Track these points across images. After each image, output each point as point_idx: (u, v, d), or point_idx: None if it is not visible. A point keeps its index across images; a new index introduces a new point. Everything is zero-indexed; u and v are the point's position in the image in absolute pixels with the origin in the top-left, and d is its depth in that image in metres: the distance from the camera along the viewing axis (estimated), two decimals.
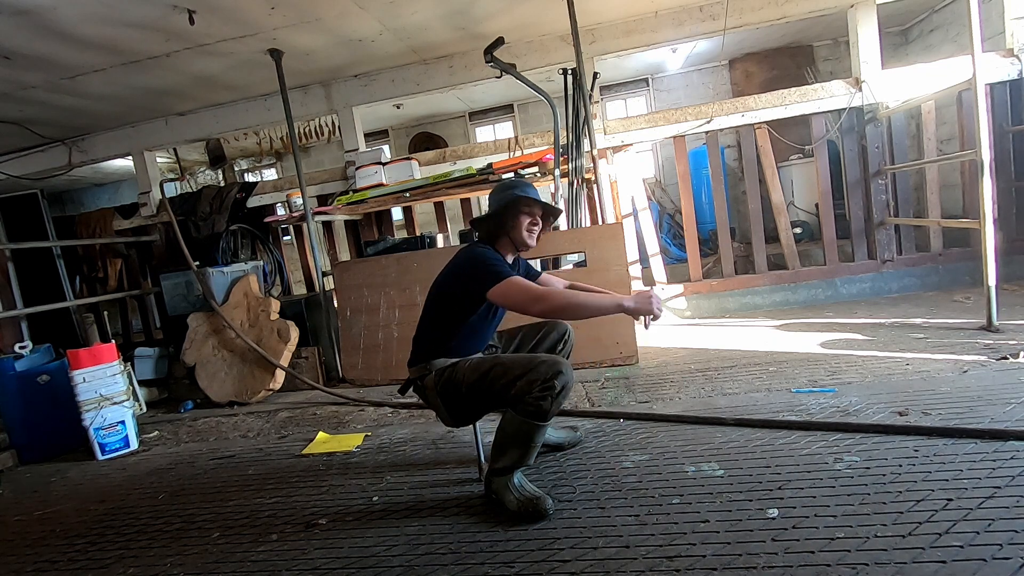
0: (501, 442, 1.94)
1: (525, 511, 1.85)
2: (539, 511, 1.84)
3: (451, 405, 2.02)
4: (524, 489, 1.91)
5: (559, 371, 1.81)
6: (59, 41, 3.35)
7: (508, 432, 1.91)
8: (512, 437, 1.90)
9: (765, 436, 2.21)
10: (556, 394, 1.80)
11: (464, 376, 1.96)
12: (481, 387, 1.92)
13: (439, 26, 4.01)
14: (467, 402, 1.99)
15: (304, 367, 4.10)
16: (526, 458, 1.92)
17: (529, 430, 1.86)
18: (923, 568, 1.37)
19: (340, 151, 6.15)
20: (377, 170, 4.39)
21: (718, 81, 7.46)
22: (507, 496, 1.90)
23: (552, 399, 1.80)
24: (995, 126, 4.02)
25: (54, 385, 3.41)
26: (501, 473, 1.94)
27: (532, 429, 1.86)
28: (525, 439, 1.88)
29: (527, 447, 1.90)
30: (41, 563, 2.08)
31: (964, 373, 2.57)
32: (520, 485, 1.93)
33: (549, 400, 1.80)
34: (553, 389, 1.80)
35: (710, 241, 6.55)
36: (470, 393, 1.95)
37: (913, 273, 4.40)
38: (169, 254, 5.25)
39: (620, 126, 4.54)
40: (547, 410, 1.81)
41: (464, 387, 1.96)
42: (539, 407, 1.80)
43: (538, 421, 1.84)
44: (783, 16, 4.27)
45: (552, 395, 1.80)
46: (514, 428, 1.89)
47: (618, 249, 3.62)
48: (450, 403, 2.02)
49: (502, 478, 1.93)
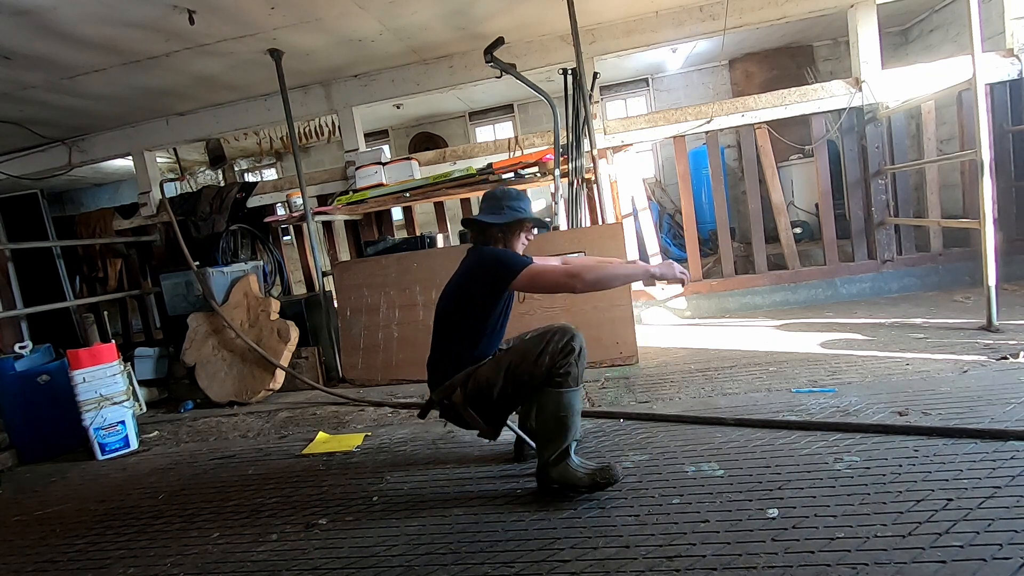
0: (545, 427, 1.97)
1: (600, 480, 1.90)
2: (612, 476, 1.90)
3: (485, 412, 2.04)
4: (587, 464, 1.97)
5: (571, 335, 1.93)
6: (59, 41, 3.35)
7: (548, 411, 1.95)
8: (553, 415, 1.94)
9: (765, 436, 2.21)
10: (577, 356, 1.92)
11: (488, 378, 2.00)
12: (508, 381, 1.97)
13: (439, 26, 4.01)
14: (499, 403, 2.02)
15: (304, 367, 4.10)
16: (573, 430, 1.96)
17: (567, 399, 1.93)
18: (923, 568, 1.37)
19: (340, 151, 6.15)
20: (377, 170, 4.39)
21: (718, 81, 7.46)
22: (574, 476, 1.93)
23: (575, 362, 1.91)
24: (995, 126, 4.02)
25: (54, 385, 3.41)
26: (558, 460, 1.95)
27: (569, 396, 1.93)
28: (566, 410, 1.94)
29: (569, 418, 1.94)
30: (41, 563, 2.08)
31: (964, 373, 2.57)
32: (581, 463, 1.97)
33: (572, 362, 1.91)
34: (573, 352, 1.91)
35: (710, 241, 6.55)
36: (501, 392, 1.99)
37: (913, 273, 4.40)
38: (169, 254, 5.25)
39: (620, 126, 4.54)
40: (576, 374, 1.93)
41: (494, 389, 1.99)
42: (568, 373, 1.91)
43: (572, 387, 1.93)
44: (783, 16, 4.27)
45: (574, 358, 1.91)
46: (553, 403, 1.94)
47: (618, 249, 3.62)
48: (483, 410, 2.04)
49: (559, 465, 1.95)
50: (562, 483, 1.95)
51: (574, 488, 1.93)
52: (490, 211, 2.14)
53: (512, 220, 2.10)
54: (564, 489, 1.95)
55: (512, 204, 2.12)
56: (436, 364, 2.12)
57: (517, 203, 2.13)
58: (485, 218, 2.11)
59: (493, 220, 2.09)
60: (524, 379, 1.95)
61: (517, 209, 2.12)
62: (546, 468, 1.97)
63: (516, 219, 2.11)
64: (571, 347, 1.90)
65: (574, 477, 1.92)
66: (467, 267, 2.12)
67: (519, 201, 2.14)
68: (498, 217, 2.10)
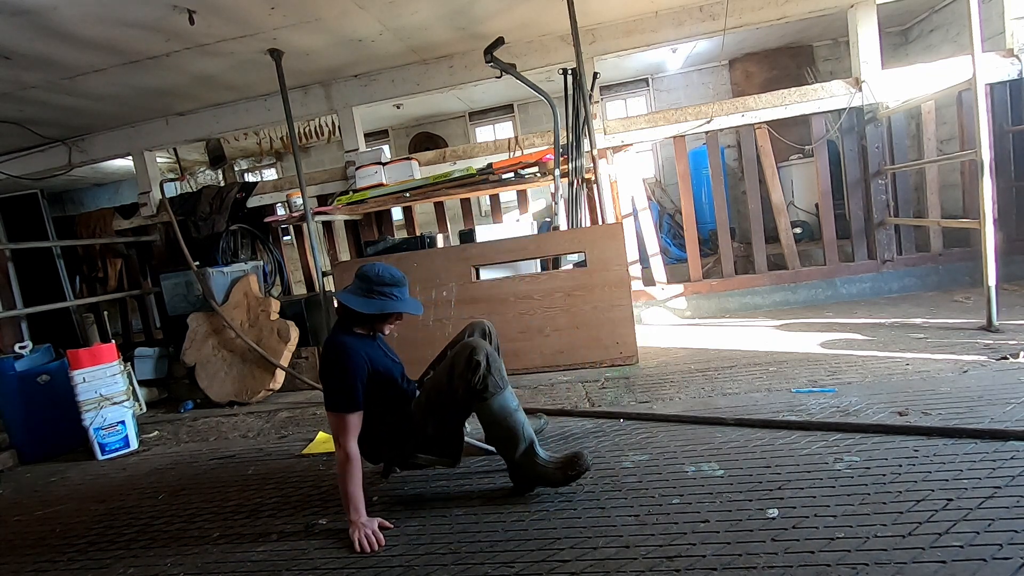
0: (496, 438, 2.01)
1: (571, 471, 1.92)
2: (582, 464, 1.91)
3: (440, 450, 2.11)
4: (554, 458, 1.98)
5: (471, 350, 1.95)
6: (59, 41, 3.35)
7: (491, 422, 1.99)
8: (498, 424, 1.98)
9: (765, 436, 2.21)
10: (486, 367, 1.93)
11: (420, 423, 2.06)
12: (437, 415, 2.04)
13: (439, 26, 4.01)
14: (442, 435, 2.08)
15: (304, 367, 4.10)
16: (522, 428, 1.98)
17: (498, 405, 1.96)
18: (923, 568, 1.37)
19: (340, 151, 6.15)
20: (377, 170, 4.39)
21: (718, 81, 7.46)
22: (544, 472, 1.95)
23: (486, 372, 1.93)
24: (995, 126, 4.02)
25: (54, 385, 3.41)
26: (525, 459, 1.97)
27: (499, 402, 1.96)
28: (504, 415, 1.97)
29: (514, 422, 1.98)
30: (41, 563, 2.09)
31: (964, 373, 2.57)
32: (548, 458, 1.98)
33: (483, 374, 1.92)
34: (479, 366, 1.92)
35: (710, 241, 6.55)
36: (438, 428, 2.06)
37: (913, 273, 4.40)
38: (169, 254, 5.25)
39: (620, 126, 4.54)
40: (494, 380, 1.94)
41: (428, 428, 2.05)
42: (486, 385, 1.93)
43: (494, 392, 1.95)
44: (783, 16, 4.27)
45: (483, 370, 1.92)
46: (491, 416, 1.98)
47: (618, 249, 3.61)
48: (438, 450, 2.11)
49: (528, 463, 1.97)
50: (535, 482, 1.98)
51: (548, 485, 1.96)
52: (359, 292, 2.04)
53: (378, 313, 2.02)
54: (539, 485, 1.98)
55: (384, 290, 2.03)
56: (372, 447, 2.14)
57: (390, 289, 2.03)
58: (351, 303, 2.02)
59: (359, 308, 2.00)
60: (450, 407, 2.01)
61: (389, 296, 2.03)
62: (517, 469, 2.00)
63: (381, 312, 2.03)
64: (475, 361, 1.92)
65: (545, 473, 1.95)
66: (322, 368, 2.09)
67: (393, 287, 2.04)
68: (366, 304, 2.01)
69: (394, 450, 2.15)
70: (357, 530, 1.87)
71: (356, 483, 1.94)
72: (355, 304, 2.02)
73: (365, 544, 1.83)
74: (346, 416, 1.94)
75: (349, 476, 1.93)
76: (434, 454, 2.12)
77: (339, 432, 1.95)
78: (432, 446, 2.10)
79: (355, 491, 1.93)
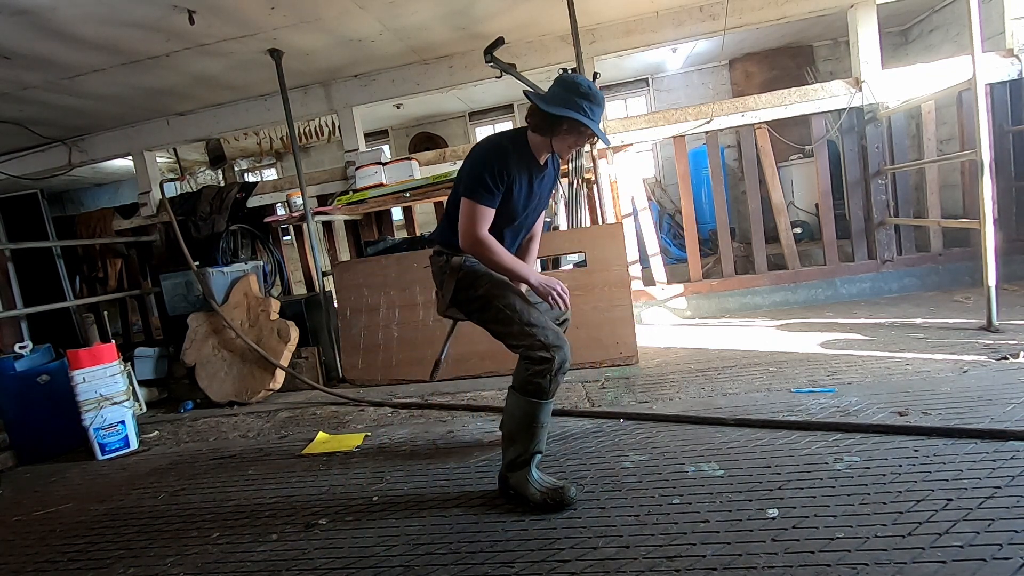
0: (510, 430, 1.97)
1: (550, 501, 1.87)
2: (564, 499, 1.87)
3: (458, 293, 2.05)
4: (544, 480, 1.94)
5: (559, 346, 1.85)
6: (59, 41, 3.35)
7: (515, 416, 1.93)
8: (519, 421, 1.93)
9: (765, 436, 2.21)
10: (555, 372, 1.84)
11: (487, 282, 1.99)
12: (493, 303, 1.95)
13: (439, 26, 4.01)
14: (472, 301, 2.02)
15: (304, 367, 4.10)
16: (535, 443, 1.93)
17: (533, 409, 1.90)
18: (923, 568, 1.37)
19: (340, 151, 6.14)
20: (377, 170, 4.39)
21: (718, 81, 7.45)
22: (528, 490, 1.91)
23: (551, 376, 1.84)
24: (995, 126, 4.01)
25: (54, 385, 3.41)
26: (518, 467, 1.95)
27: (535, 408, 1.90)
28: (531, 420, 1.91)
29: (534, 429, 1.92)
30: (41, 563, 2.08)
31: (964, 373, 2.57)
32: (539, 478, 1.94)
33: (547, 378, 1.85)
34: (551, 365, 1.83)
35: (710, 241, 6.55)
36: (482, 298, 1.98)
37: (913, 273, 4.39)
38: (169, 254, 5.25)
39: (620, 126, 4.53)
40: (546, 387, 1.86)
41: (482, 290, 1.98)
42: (539, 385, 1.85)
43: (539, 399, 1.88)
44: (783, 16, 4.27)
45: (551, 372, 1.84)
46: (520, 411, 1.92)
47: (618, 249, 3.62)
48: (459, 292, 2.04)
49: (520, 472, 1.95)
50: (516, 492, 1.95)
51: (525, 500, 1.92)
52: (551, 95, 1.86)
53: (564, 119, 1.82)
54: (518, 498, 1.95)
55: (576, 101, 1.81)
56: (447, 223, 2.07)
57: (583, 101, 1.81)
58: (539, 101, 1.85)
59: (545, 107, 1.82)
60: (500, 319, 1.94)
61: (579, 108, 1.81)
62: (508, 470, 1.98)
63: (568, 117, 1.80)
64: (547, 358, 1.83)
65: (527, 491, 1.92)
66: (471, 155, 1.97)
67: (587, 100, 1.82)
68: (553, 107, 1.82)
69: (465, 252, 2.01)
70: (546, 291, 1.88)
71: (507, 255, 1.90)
72: (543, 104, 1.83)
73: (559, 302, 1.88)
74: (480, 206, 1.86)
75: (498, 251, 1.88)
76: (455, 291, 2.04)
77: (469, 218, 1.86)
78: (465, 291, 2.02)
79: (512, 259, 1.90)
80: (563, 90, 1.87)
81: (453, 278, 2.04)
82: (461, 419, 2.99)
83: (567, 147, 1.95)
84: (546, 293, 1.93)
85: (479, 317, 2.04)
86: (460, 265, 2.03)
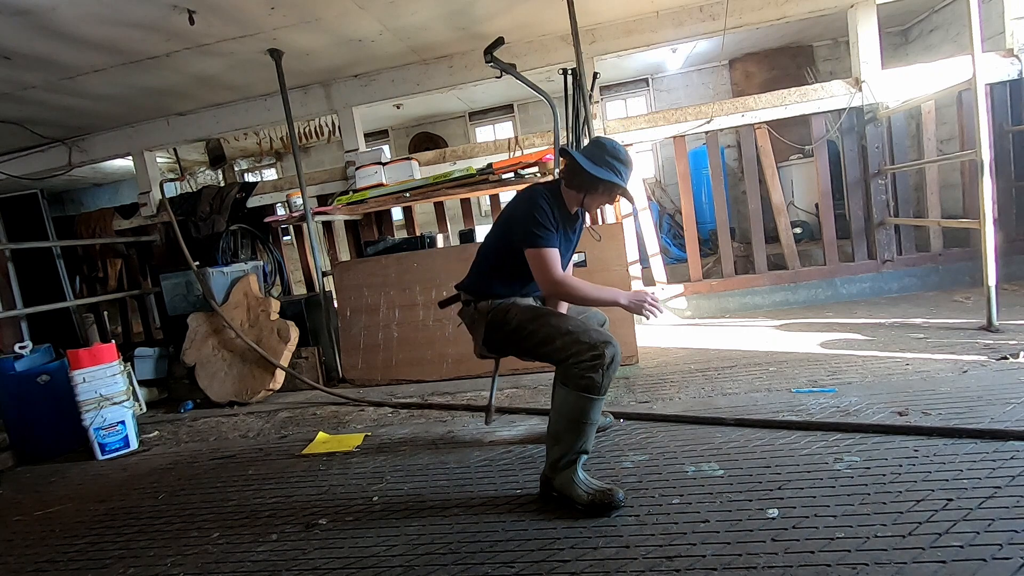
0: (556, 428, 1.93)
1: (597, 503, 1.84)
2: (612, 502, 1.83)
3: (491, 334, 2.11)
4: (592, 482, 1.91)
5: (607, 340, 1.84)
6: (59, 41, 3.35)
7: (563, 412, 1.90)
8: (567, 417, 1.89)
9: (765, 436, 2.21)
10: (607, 366, 1.82)
11: (517, 313, 2.04)
12: (529, 328, 1.98)
13: (439, 26, 4.01)
14: (507, 336, 2.06)
15: (304, 367, 4.10)
16: (582, 441, 1.90)
17: (584, 405, 1.85)
18: (923, 568, 1.37)
19: (340, 151, 6.15)
20: (377, 170, 4.39)
21: (718, 81, 7.46)
22: (575, 491, 1.88)
23: (603, 371, 1.82)
24: (995, 126, 4.01)
25: (54, 385, 3.41)
26: (563, 466, 1.91)
27: (587, 404, 1.85)
28: (580, 417, 1.87)
29: (583, 427, 1.88)
30: (41, 563, 2.09)
31: (964, 373, 2.57)
32: (586, 479, 1.92)
33: (600, 372, 1.82)
34: (603, 359, 1.81)
35: (710, 241, 6.55)
36: (516, 329, 2.02)
37: (913, 273, 4.39)
38: (169, 254, 5.25)
39: (620, 126, 4.53)
40: (599, 383, 1.82)
41: (514, 322, 2.02)
42: (591, 380, 1.82)
43: (592, 395, 1.84)
44: (783, 16, 4.27)
45: (603, 367, 1.81)
46: (568, 406, 1.88)
47: (618, 249, 3.62)
48: (492, 333, 2.11)
49: (565, 472, 1.91)
50: (561, 493, 1.92)
51: (571, 502, 1.89)
52: (591, 156, 2.02)
53: (603, 181, 2.00)
54: (562, 499, 1.92)
55: (615, 164, 2.01)
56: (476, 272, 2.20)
57: (620, 166, 2.02)
58: (582, 161, 2.00)
59: (588, 168, 1.99)
60: (540, 337, 1.95)
61: (617, 171, 2.01)
62: (552, 471, 1.94)
63: (609, 181, 2.00)
64: (602, 354, 1.81)
65: (573, 492, 1.88)
66: (512, 208, 2.09)
67: (623, 165, 2.03)
68: (595, 168, 1.99)
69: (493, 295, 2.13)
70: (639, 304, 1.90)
71: (590, 285, 1.95)
72: (587, 165, 1.98)
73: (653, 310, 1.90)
74: (545, 250, 1.94)
75: (579, 285, 1.94)
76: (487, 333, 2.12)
77: (542, 266, 1.94)
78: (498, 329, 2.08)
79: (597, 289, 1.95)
80: (603, 153, 2.02)
81: (483, 322, 2.12)
82: (461, 419, 2.99)
83: (597, 204, 2.12)
84: (639, 307, 1.94)
85: (521, 348, 2.07)
86: (488, 309, 2.11)
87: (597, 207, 2.14)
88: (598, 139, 2.10)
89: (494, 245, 2.17)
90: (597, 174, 1.98)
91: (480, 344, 2.17)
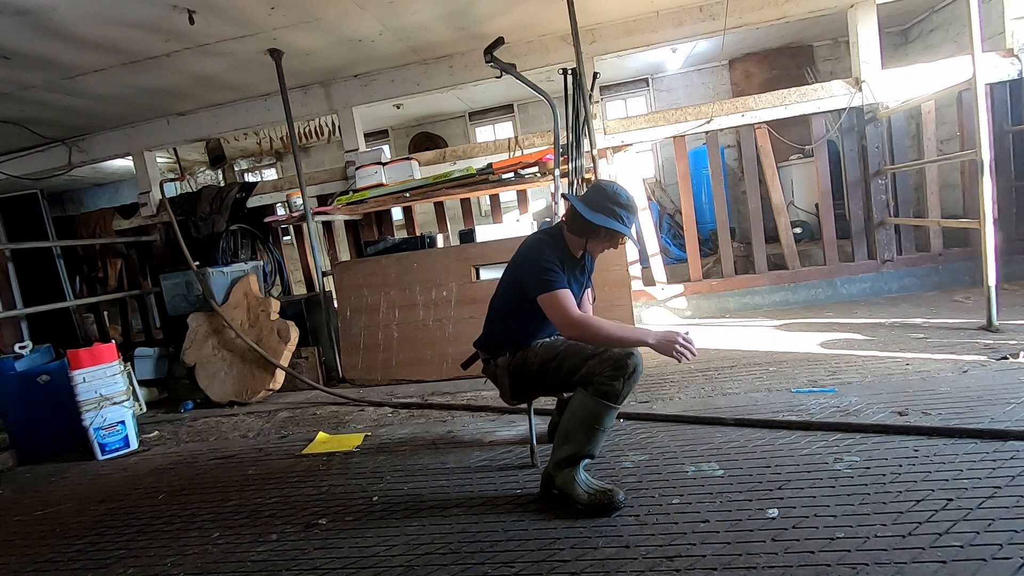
0: (567, 427, 1.94)
1: (597, 503, 1.84)
2: (612, 503, 1.83)
3: (516, 383, 2.12)
4: (592, 482, 1.91)
5: (630, 352, 1.85)
6: (59, 41, 3.35)
7: (577, 415, 1.91)
8: (580, 420, 1.90)
9: (765, 436, 2.21)
10: (628, 375, 1.82)
11: (536, 355, 2.05)
12: (551, 366, 1.99)
13: (439, 26, 4.01)
14: (533, 380, 2.07)
15: (304, 367, 4.10)
16: (591, 445, 1.91)
17: (599, 411, 1.86)
18: (923, 568, 1.37)
19: (340, 151, 6.14)
20: (377, 170, 4.39)
21: (718, 81, 7.45)
22: (575, 490, 1.89)
23: (624, 380, 1.82)
24: (995, 126, 4.01)
25: (54, 385, 3.41)
26: (566, 464, 1.92)
27: (602, 410, 1.86)
28: (594, 422, 1.88)
29: (594, 432, 1.89)
30: (41, 563, 2.09)
31: (964, 373, 2.57)
32: (587, 479, 1.92)
33: (621, 381, 1.82)
34: (625, 369, 1.82)
35: (710, 241, 6.55)
36: (539, 371, 2.03)
37: (913, 273, 4.39)
38: (169, 254, 5.25)
39: (620, 126, 4.53)
40: (619, 391, 1.83)
41: (535, 366, 2.04)
42: (611, 387, 1.83)
43: (609, 402, 1.84)
44: (783, 16, 4.27)
45: (624, 375, 1.82)
46: (584, 410, 1.89)
47: (618, 249, 3.61)
48: (516, 381, 2.11)
49: (568, 471, 1.92)
50: (561, 491, 1.93)
51: (571, 501, 1.89)
52: (590, 202, 2.00)
53: (604, 228, 1.97)
54: (562, 498, 1.93)
55: (615, 210, 1.97)
56: (491, 326, 2.21)
57: (622, 211, 1.98)
58: (581, 208, 1.98)
59: (586, 215, 1.96)
60: (566, 370, 1.95)
61: (618, 216, 1.97)
62: (555, 469, 1.94)
63: (607, 227, 1.97)
64: (625, 364, 1.81)
65: (573, 491, 1.89)
66: (520, 256, 2.09)
67: (625, 210, 1.99)
68: (593, 215, 1.96)
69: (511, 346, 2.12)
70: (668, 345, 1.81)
71: (614, 324, 1.91)
72: (585, 212, 1.96)
73: (686, 352, 1.80)
74: (557, 292, 1.91)
75: (602, 326, 1.89)
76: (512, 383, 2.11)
77: (558, 310, 1.91)
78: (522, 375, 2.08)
79: (621, 328, 1.91)
80: (603, 198, 2.00)
81: (505, 375, 2.13)
82: (461, 419, 2.99)
83: (600, 248, 2.10)
84: (669, 348, 1.83)
85: (549, 386, 2.08)
86: (508, 362, 2.12)
87: (600, 251, 2.12)
88: (599, 183, 2.07)
89: (505, 299, 2.15)
90: (595, 220, 1.96)
91: (508, 395, 2.16)
